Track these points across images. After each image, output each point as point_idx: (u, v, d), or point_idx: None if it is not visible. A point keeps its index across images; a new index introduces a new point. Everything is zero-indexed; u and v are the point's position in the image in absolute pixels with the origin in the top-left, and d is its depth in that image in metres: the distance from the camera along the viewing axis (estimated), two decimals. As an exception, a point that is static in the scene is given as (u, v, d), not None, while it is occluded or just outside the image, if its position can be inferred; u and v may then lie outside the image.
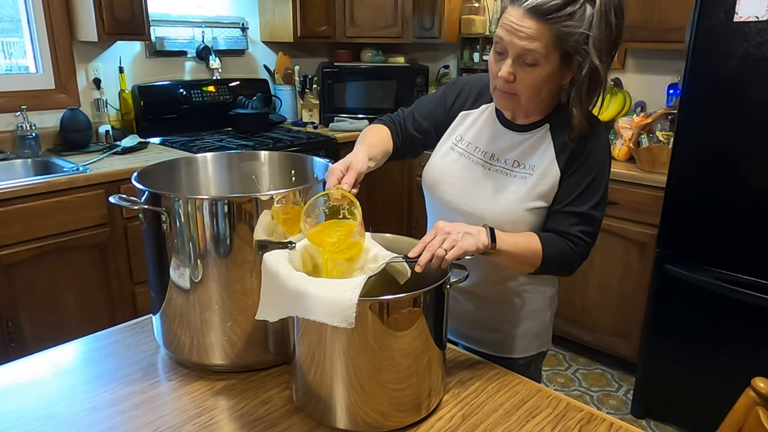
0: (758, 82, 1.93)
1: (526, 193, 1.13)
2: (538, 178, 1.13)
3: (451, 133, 1.25)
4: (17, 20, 2.66)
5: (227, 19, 3.36)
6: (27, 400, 1.01)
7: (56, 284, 2.29)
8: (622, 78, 3.04)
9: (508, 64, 1.04)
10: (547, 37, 0.98)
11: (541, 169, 1.13)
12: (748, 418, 0.88)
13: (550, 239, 1.10)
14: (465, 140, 1.23)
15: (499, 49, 1.05)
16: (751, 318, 2.05)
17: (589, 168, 1.11)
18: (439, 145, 1.26)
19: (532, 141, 1.15)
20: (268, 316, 0.94)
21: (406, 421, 0.94)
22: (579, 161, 1.11)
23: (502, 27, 1.02)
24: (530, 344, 1.28)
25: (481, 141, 1.21)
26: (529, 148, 1.15)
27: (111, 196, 1.05)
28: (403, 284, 1.00)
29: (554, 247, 1.09)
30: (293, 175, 1.33)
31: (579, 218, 1.11)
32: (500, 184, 1.15)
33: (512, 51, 1.02)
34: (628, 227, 2.54)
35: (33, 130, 2.60)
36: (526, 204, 1.12)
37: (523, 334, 1.26)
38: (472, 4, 3.40)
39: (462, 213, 1.17)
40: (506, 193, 1.14)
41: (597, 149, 1.12)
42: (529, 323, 1.26)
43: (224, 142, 2.98)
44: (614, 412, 2.50)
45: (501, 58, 1.06)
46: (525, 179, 1.14)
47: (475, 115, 1.23)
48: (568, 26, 0.98)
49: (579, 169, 1.11)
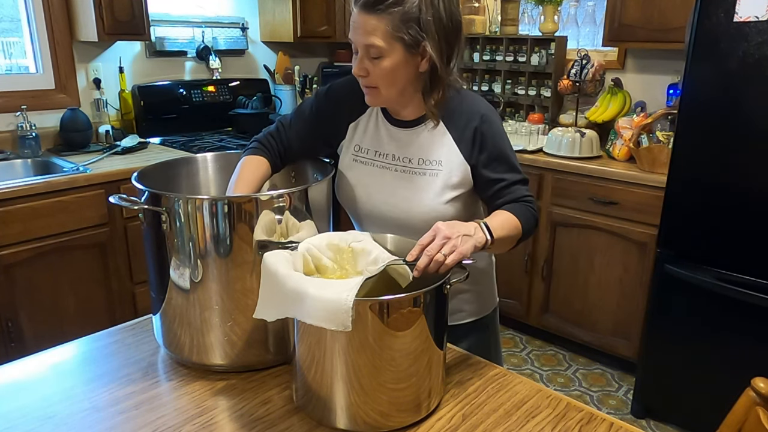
0: (758, 82, 1.93)
1: (441, 188, 1.17)
2: (448, 172, 1.17)
3: (349, 146, 1.27)
4: (17, 20, 2.66)
5: (227, 19, 3.36)
6: (27, 400, 1.01)
7: (56, 284, 2.29)
8: (622, 78, 3.04)
9: (358, 59, 1.11)
10: (383, 28, 1.05)
11: (447, 162, 1.17)
12: (748, 418, 0.88)
13: (517, 208, 1.14)
14: (364, 148, 1.26)
15: (354, 49, 1.12)
16: (751, 318, 2.05)
17: (498, 144, 1.17)
18: (342, 160, 1.29)
19: (427, 135, 1.19)
20: (265, 315, 0.94)
21: (406, 421, 0.94)
22: (486, 143, 1.17)
23: (350, 28, 1.10)
24: (484, 305, 1.36)
25: (378, 145, 1.24)
26: (427, 143, 1.19)
27: (111, 196, 1.05)
28: (405, 287, 1.00)
29: (524, 214, 1.14)
30: (293, 175, 1.33)
31: (520, 183, 1.18)
32: (414, 185, 1.19)
33: (359, 48, 1.10)
34: (628, 227, 2.54)
35: (33, 130, 2.60)
36: (443, 197, 1.17)
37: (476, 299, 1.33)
38: (472, 4, 3.40)
39: (385, 220, 1.21)
40: (422, 192, 1.18)
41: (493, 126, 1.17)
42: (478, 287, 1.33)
43: (224, 142, 2.98)
44: (614, 412, 2.50)
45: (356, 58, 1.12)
46: (436, 175, 1.18)
47: (364, 122, 1.26)
48: (398, 12, 1.04)
49: (491, 148, 1.17)
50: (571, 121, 3.01)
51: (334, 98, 1.28)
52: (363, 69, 1.11)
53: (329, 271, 1.02)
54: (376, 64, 1.09)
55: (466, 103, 1.19)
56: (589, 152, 2.75)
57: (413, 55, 1.09)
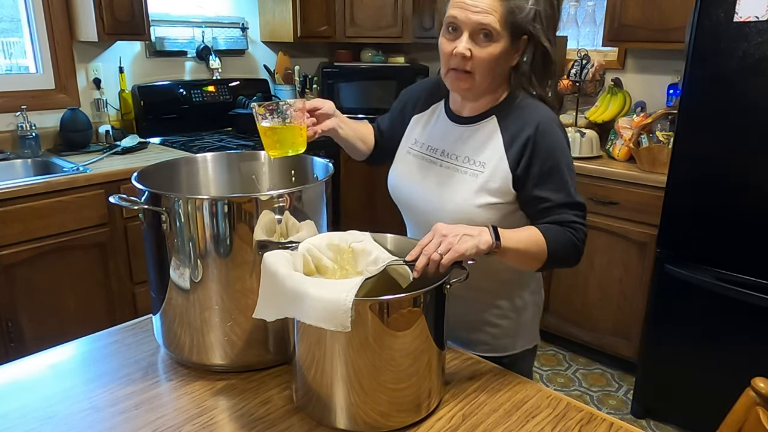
0: (758, 82, 1.93)
1: (477, 189, 1.12)
2: (488, 175, 1.12)
3: (407, 138, 1.29)
4: (17, 20, 2.66)
5: (227, 19, 3.36)
6: (27, 400, 1.01)
7: (56, 284, 2.29)
8: (622, 78, 3.04)
9: (465, 39, 1.05)
10: (500, 11, 1.02)
11: (491, 166, 1.13)
12: (748, 418, 0.88)
13: (551, 229, 1.07)
14: (419, 142, 1.26)
15: (453, 28, 1.07)
16: (751, 318, 2.05)
17: (551, 158, 1.09)
18: (398, 151, 1.30)
19: (481, 135, 1.16)
20: (265, 315, 0.94)
21: (406, 421, 0.94)
22: (535, 155, 1.09)
23: (455, 6, 1.05)
24: (512, 343, 1.27)
25: (432, 139, 1.24)
26: (478, 143, 1.16)
27: (111, 196, 1.05)
28: (405, 287, 1.00)
29: (557, 237, 1.07)
30: (293, 175, 1.33)
31: (568, 206, 1.09)
32: (452, 182, 1.16)
33: (468, 27, 1.04)
34: (628, 227, 2.54)
35: (33, 130, 2.60)
36: (476, 200, 1.12)
37: (502, 334, 1.26)
38: (472, 4, 3.40)
39: (423, 213, 1.20)
40: (457, 190, 1.15)
41: (548, 138, 1.09)
42: (507, 323, 1.25)
43: (224, 142, 2.98)
44: (614, 412, 2.50)
45: (454, 37, 1.07)
46: (476, 176, 1.14)
47: (426, 116, 1.27)
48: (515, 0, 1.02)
49: (540, 163, 1.09)
50: (571, 121, 3.01)
51: (406, 96, 1.33)
52: (467, 49, 1.04)
53: (329, 271, 1.02)
54: (483, 47, 1.04)
55: (528, 107, 1.13)
56: (589, 152, 2.75)
57: (514, 46, 1.07)
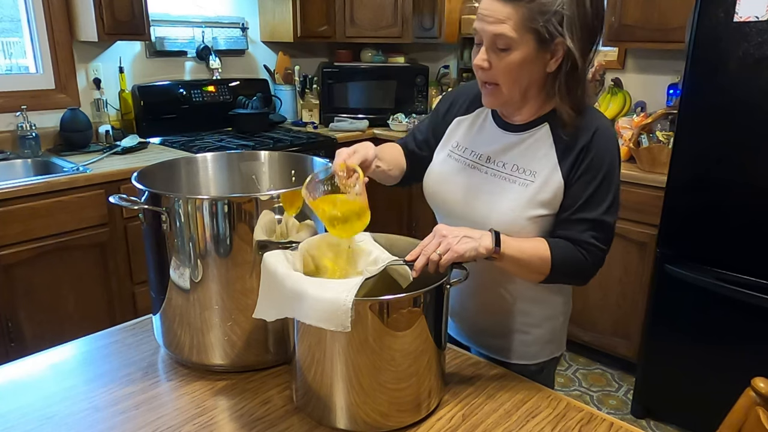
0: (758, 82, 1.93)
1: (527, 200, 1.07)
2: (540, 186, 1.07)
3: (448, 140, 1.23)
4: (17, 20, 2.66)
5: (227, 19, 3.36)
6: (27, 400, 1.01)
7: (56, 284, 2.29)
8: (622, 78, 3.04)
9: (482, 51, 1.02)
10: (516, 18, 0.97)
11: (543, 176, 1.07)
12: (748, 418, 0.88)
13: (560, 246, 1.05)
14: (461, 146, 1.20)
15: (477, 40, 1.04)
16: (751, 318, 2.05)
17: (596, 171, 1.05)
18: (437, 153, 1.24)
19: (531, 143, 1.10)
20: (265, 315, 0.94)
21: (406, 421, 0.94)
22: (584, 165, 1.05)
23: (477, 18, 1.03)
24: (541, 351, 1.24)
25: (477, 145, 1.17)
26: (528, 152, 1.10)
27: (111, 196, 1.05)
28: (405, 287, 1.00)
29: (564, 255, 1.04)
30: (293, 175, 1.33)
31: (590, 224, 1.05)
32: (500, 190, 1.10)
33: (485, 38, 1.01)
34: (628, 227, 2.54)
35: (33, 130, 2.60)
36: (527, 212, 1.07)
37: (533, 341, 1.23)
38: (472, 4, 3.40)
39: (464, 220, 1.12)
40: (506, 200, 1.09)
41: (602, 150, 1.06)
42: (539, 330, 1.23)
43: (224, 142, 2.98)
44: (614, 412, 2.49)
45: (479, 50, 1.05)
46: (526, 186, 1.08)
47: (470, 120, 1.21)
48: (537, 4, 0.96)
49: (585, 173, 1.05)
50: (571, 121, 3.00)
51: (452, 96, 1.27)
52: (485, 60, 1.02)
53: (329, 271, 1.02)
54: (502, 57, 1.00)
55: (585, 115, 1.07)
56: (589, 152, 2.74)
57: (544, 52, 1.00)
